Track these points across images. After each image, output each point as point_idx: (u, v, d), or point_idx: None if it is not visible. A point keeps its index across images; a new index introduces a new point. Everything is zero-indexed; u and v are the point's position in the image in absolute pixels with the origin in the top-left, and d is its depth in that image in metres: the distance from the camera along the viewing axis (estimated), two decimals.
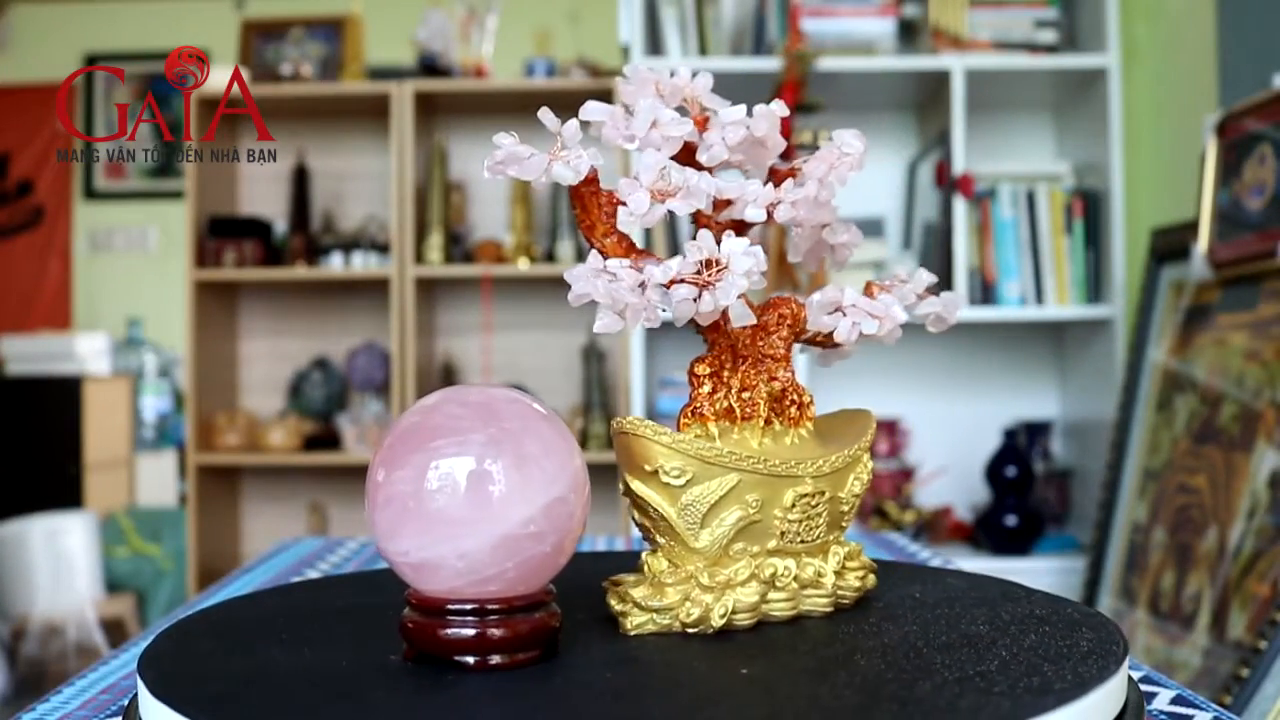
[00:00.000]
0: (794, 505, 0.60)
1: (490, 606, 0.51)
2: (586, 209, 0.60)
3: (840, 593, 0.62)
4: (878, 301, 0.63)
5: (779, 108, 0.62)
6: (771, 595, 0.60)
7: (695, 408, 0.61)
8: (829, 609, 0.62)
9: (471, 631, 0.51)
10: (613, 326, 0.56)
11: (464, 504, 0.50)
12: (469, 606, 0.51)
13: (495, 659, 0.51)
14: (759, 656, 0.54)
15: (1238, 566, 1.58)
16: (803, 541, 0.61)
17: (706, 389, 0.61)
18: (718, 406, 0.61)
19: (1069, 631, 0.56)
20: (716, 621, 0.58)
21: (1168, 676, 0.64)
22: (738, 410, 0.61)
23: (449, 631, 0.51)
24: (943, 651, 0.53)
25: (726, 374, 0.61)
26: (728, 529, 0.59)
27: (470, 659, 0.51)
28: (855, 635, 0.57)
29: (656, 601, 0.58)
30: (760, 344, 0.62)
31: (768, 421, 0.61)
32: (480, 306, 2.81)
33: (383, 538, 0.52)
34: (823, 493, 0.61)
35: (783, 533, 0.60)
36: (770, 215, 0.60)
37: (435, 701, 0.48)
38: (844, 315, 0.62)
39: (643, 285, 0.55)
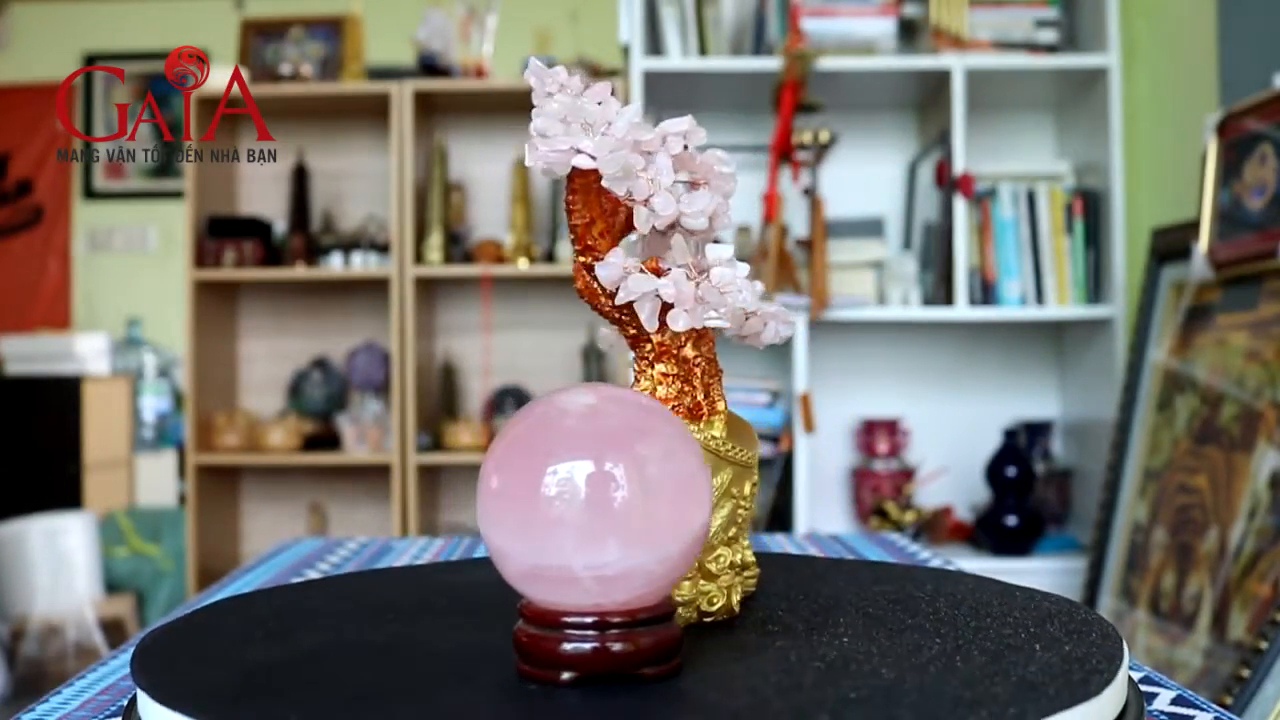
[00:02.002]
0: (750, 494, 0.62)
1: (616, 619, 0.48)
2: (588, 203, 0.59)
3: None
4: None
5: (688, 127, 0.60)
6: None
7: (673, 407, 0.61)
8: (754, 590, 0.65)
9: (621, 645, 0.47)
10: (690, 323, 0.57)
11: (669, 508, 0.47)
12: (589, 620, 0.47)
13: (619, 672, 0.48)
14: (795, 645, 0.54)
15: (1238, 567, 1.58)
16: (740, 528, 0.63)
17: (674, 390, 0.61)
18: (685, 404, 0.61)
19: (1069, 633, 0.56)
20: (736, 608, 0.59)
21: (1168, 677, 0.64)
22: (705, 408, 0.61)
23: (568, 647, 0.48)
24: (943, 653, 0.53)
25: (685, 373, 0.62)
26: (723, 519, 0.60)
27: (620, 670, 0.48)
28: (856, 635, 0.57)
29: (679, 596, 0.59)
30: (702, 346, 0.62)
31: (710, 415, 0.62)
32: (480, 306, 2.80)
33: (570, 549, 0.46)
34: (757, 482, 0.64)
35: (740, 521, 0.62)
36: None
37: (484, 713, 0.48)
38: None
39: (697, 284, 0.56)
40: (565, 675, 0.48)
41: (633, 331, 0.62)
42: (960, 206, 2.27)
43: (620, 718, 0.46)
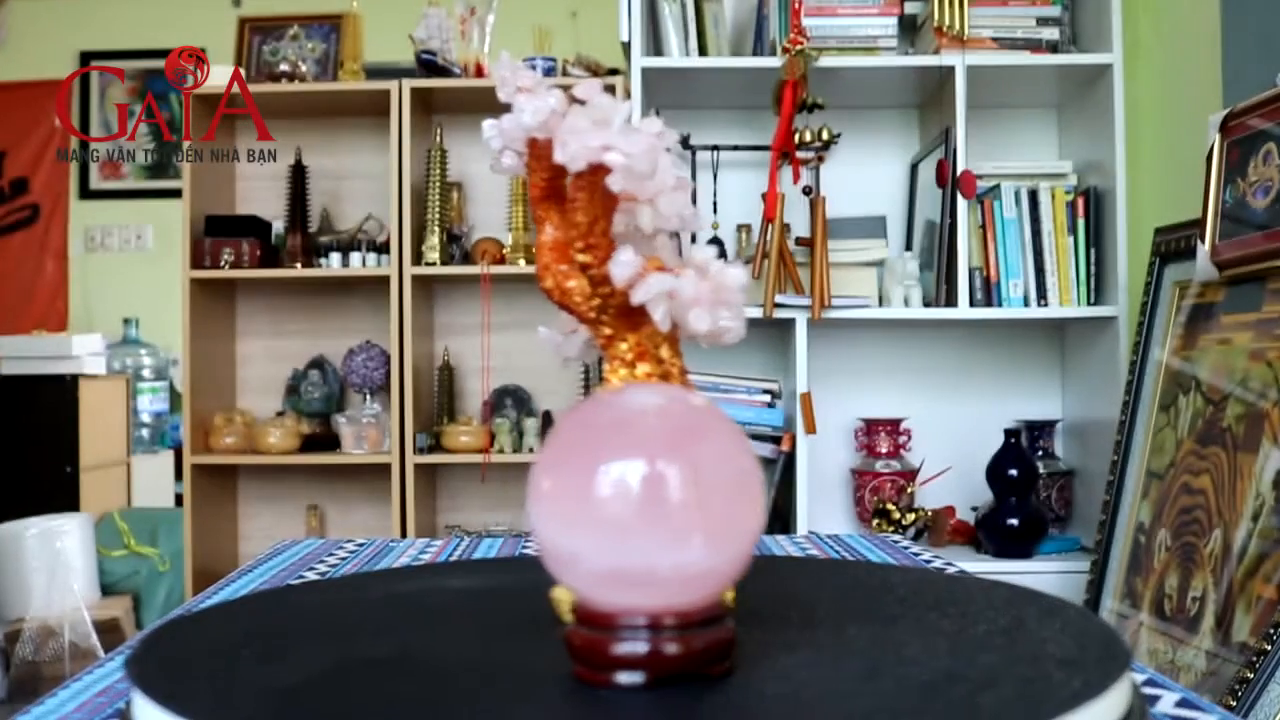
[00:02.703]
0: None
1: (669, 621, 0.47)
2: (592, 200, 0.58)
3: None
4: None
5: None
6: None
7: None
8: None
9: (690, 645, 0.47)
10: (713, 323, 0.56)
11: (739, 506, 0.47)
12: (642, 621, 0.47)
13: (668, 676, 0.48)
14: (812, 647, 0.53)
15: (1243, 568, 1.57)
16: None
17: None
18: None
19: (1071, 636, 0.55)
20: (730, 605, 0.59)
21: (1172, 679, 0.63)
22: None
23: (622, 648, 0.47)
24: (942, 655, 0.52)
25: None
26: None
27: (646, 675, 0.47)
28: (856, 636, 0.56)
29: None
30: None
31: None
32: (479, 306, 2.79)
33: (655, 549, 0.46)
34: None
35: None
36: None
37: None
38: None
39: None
40: (640, 678, 0.47)
41: (608, 333, 0.61)
42: (962, 205, 2.26)
43: (715, 716, 0.46)
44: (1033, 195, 2.32)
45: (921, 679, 0.49)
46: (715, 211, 2.49)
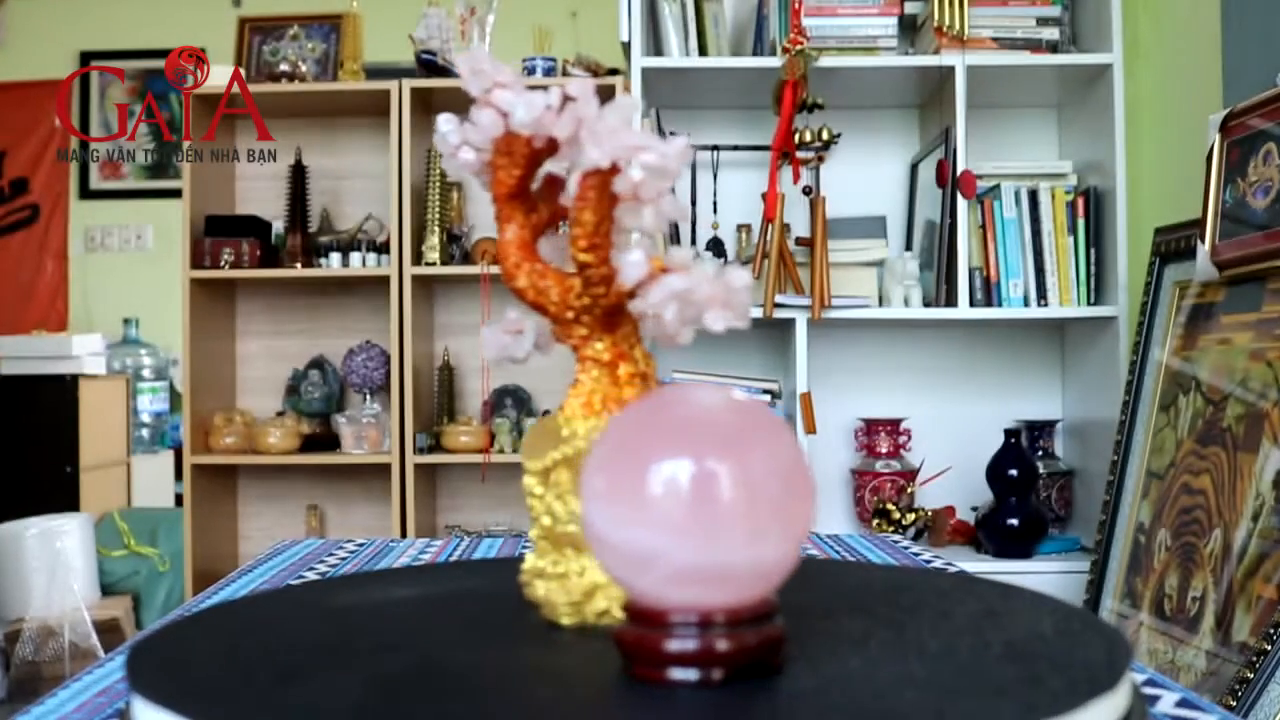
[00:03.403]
0: None
1: (718, 618, 0.48)
2: (601, 199, 0.58)
3: None
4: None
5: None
6: None
7: None
8: None
9: (725, 643, 0.47)
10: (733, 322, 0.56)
11: (802, 502, 0.48)
12: (692, 618, 0.47)
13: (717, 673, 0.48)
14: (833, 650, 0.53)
15: (1243, 568, 1.57)
16: None
17: (638, 389, 0.61)
18: None
19: (1071, 636, 0.55)
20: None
21: (1172, 679, 0.63)
22: None
23: (674, 645, 0.47)
24: (942, 656, 0.52)
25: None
26: None
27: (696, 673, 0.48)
28: (856, 637, 0.56)
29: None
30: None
31: None
32: (479, 306, 2.79)
33: (742, 545, 0.46)
34: None
35: None
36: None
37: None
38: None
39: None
40: (704, 675, 0.47)
41: (583, 334, 0.61)
42: (962, 205, 2.26)
43: (775, 714, 0.46)
44: (1033, 195, 2.32)
45: (920, 677, 0.49)
46: (715, 211, 2.49)
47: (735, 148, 2.48)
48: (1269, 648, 1.42)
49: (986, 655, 0.52)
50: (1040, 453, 2.45)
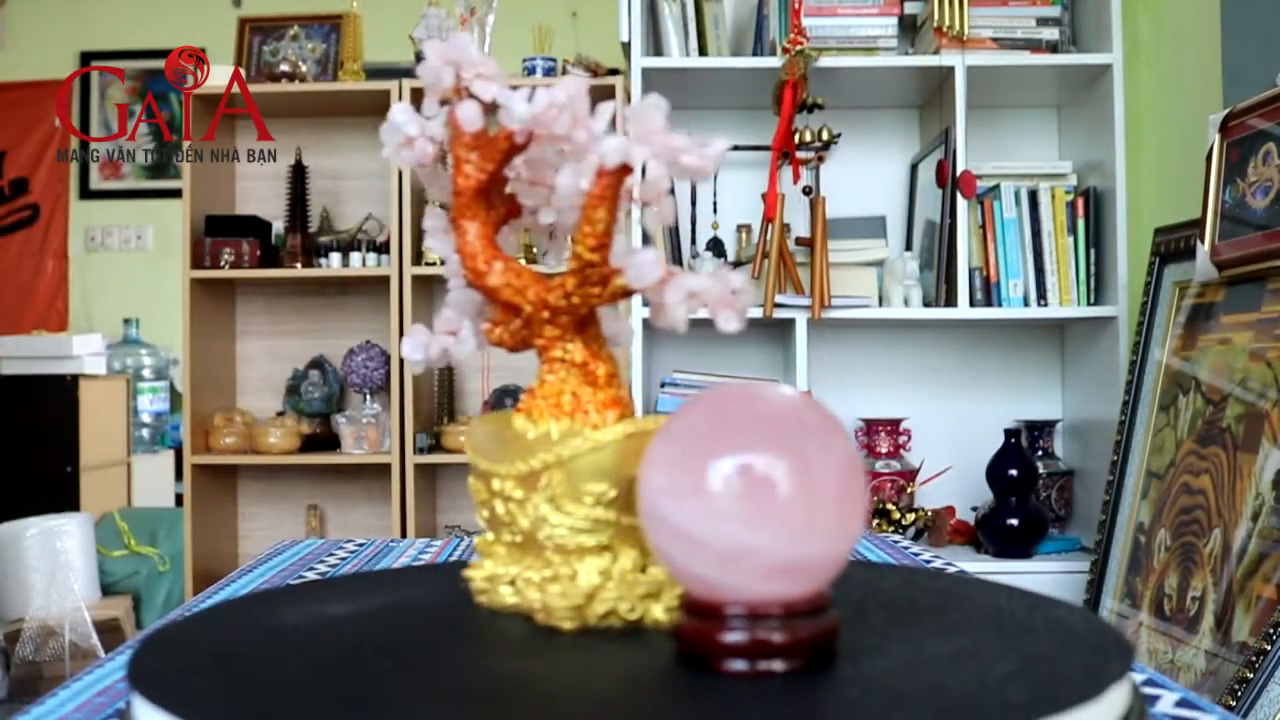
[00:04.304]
0: None
1: (774, 610, 0.49)
2: (615, 199, 0.58)
3: None
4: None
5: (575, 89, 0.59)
6: None
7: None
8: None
9: (779, 635, 0.49)
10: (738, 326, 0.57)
11: (864, 492, 0.50)
12: (742, 611, 0.49)
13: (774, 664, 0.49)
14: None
15: (1242, 568, 1.57)
16: None
17: (614, 391, 0.61)
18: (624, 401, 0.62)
19: (1071, 636, 0.55)
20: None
21: (1172, 679, 0.64)
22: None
23: (730, 635, 0.49)
24: (941, 655, 0.52)
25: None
26: None
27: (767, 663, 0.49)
28: (857, 638, 0.56)
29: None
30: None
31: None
32: None
33: (830, 539, 0.48)
34: None
35: None
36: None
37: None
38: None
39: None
40: (792, 662, 0.49)
41: (554, 334, 0.60)
42: (962, 205, 2.26)
43: (844, 705, 0.47)
44: (1032, 195, 2.32)
45: (920, 677, 0.49)
46: (715, 211, 2.49)
47: (735, 148, 2.48)
48: (1268, 648, 1.42)
49: (983, 653, 0.52)
50: (1040, 453, 2.45)
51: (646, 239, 2.25)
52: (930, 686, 0.48)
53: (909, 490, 2.39)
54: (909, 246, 2.50)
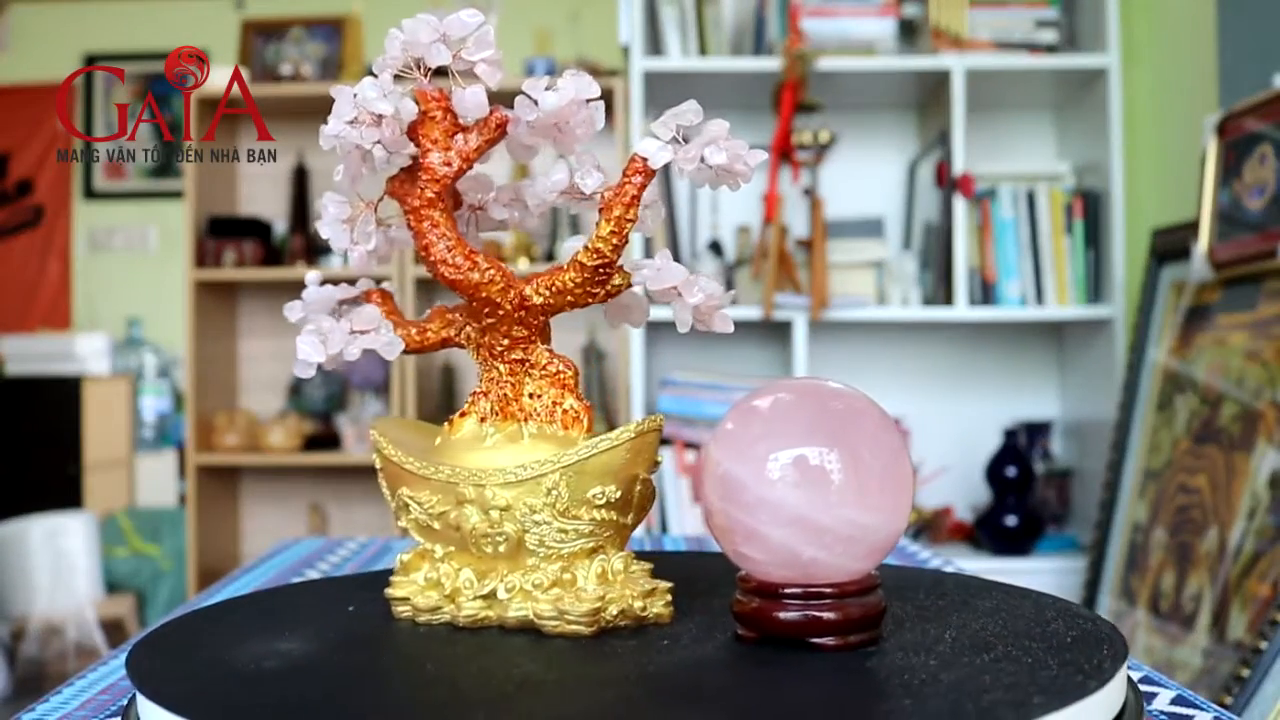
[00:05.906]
0: None
1: (826, 590, 0.53)
2: (638, 198, 0.58)
3: None
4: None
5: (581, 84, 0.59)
6: None
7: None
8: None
9: (831, 614, 0.53)
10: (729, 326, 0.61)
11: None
12: (796, 589, 0.54)
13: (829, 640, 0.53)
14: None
15: (1238, 567, 1.58)
16: None
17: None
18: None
19: (1068, 633, 0.56)
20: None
21: (1168, 677, 0.64)
22: None
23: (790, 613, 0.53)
24: (940, 654, 0.53)
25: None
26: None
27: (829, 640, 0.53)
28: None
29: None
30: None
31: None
32: None
33: (902, 518, 0.53)
34: None
35: None
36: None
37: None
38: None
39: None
40: (876, 634, 0.54)
41: (520, 334, 0.60)
42: (960, 206, 2.27)
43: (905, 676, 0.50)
44: (1030, 196, 2.33)
45: (914, 677, 0.50)
46: (714, 212, 2.50)
47: None
48: (1264, 645, 1.43)
49: (982, 650, 0.53)
50: (1038, 452, 2.46)
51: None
52: (925, 681, 0.48)
53: None
54: (907, 247, 2.51)
